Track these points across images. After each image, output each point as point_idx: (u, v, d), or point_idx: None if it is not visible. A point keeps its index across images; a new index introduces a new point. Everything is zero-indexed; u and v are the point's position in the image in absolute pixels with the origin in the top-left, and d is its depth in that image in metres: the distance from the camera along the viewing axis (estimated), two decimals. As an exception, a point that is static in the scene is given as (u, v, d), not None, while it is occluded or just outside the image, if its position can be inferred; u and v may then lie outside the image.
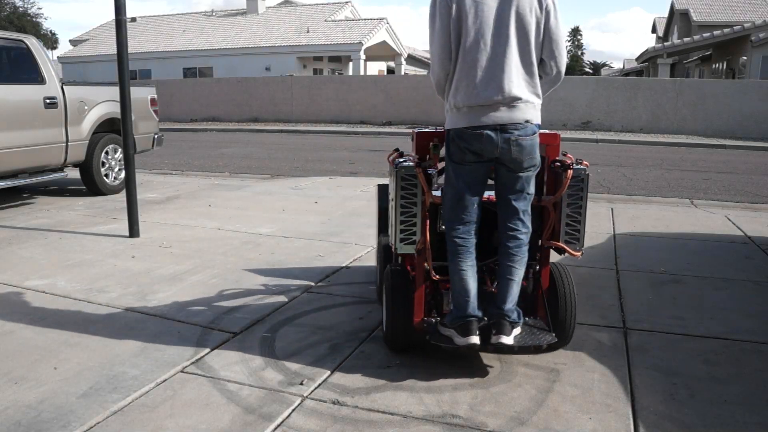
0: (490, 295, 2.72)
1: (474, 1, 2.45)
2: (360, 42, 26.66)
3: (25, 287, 3.69)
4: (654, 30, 39.48)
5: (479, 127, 2.47)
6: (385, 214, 3.21)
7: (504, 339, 2.50)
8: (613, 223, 5.69)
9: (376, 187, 3.58)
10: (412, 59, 34.57)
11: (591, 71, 60.19)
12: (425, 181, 2.65)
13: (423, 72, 32.89)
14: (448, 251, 2.63)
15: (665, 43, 27.06)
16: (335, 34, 27.85)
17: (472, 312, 2.56)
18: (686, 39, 24.97)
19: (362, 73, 27.06)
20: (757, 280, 4.07)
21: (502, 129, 2.46)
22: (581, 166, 2.71)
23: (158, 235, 4.99)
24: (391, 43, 29.58)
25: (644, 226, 5.61)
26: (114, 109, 6.70)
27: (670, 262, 4.43)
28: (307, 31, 28.39)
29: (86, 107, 6.51)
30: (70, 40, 34.92)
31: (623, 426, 2.25)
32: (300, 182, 8.18)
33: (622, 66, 48.43)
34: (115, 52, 4.89)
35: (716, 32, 22.51)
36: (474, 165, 2.54)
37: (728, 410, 2.37)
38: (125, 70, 4.78)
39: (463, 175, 2.56)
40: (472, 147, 2.49)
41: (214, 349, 2.84)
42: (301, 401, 2.39)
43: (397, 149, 2.88)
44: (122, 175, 6.70)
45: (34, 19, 48.12)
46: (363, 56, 27.20)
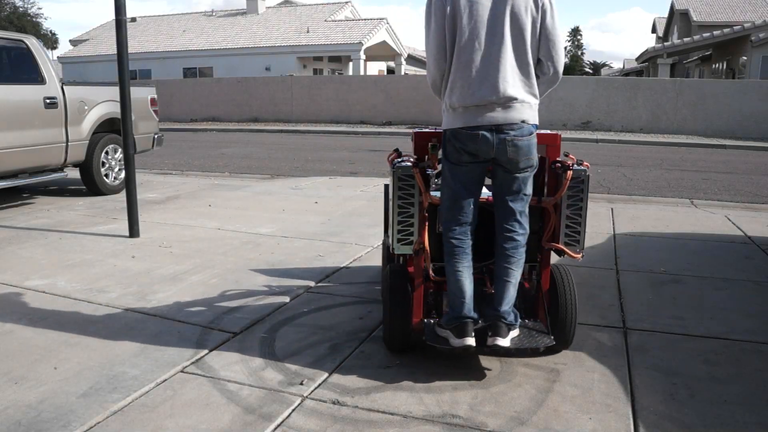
0: (489, 296, 2.71)
1: (468, 1, 2.44)
2: (360, 42, 26.66)
3: (25, 287, 3.69)
4: (654, 30, 39.50)
5: (475, 127, 2.46)
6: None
7: (500, 341, 2.49)
8: (613, 223, 5.69)
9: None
10: (412, 59, 34.56)
11: (591, 71, 60.18)
12: (422, 182, 2.64)
13: (423, 72, 32.71)
14: (445, 252, 2.63)
15: (665, 43, 27.06)
16: (335, 34, 27.85)
17: (468, 313, 2.55)
18: (686, 39, 24.98)
19: (362, 73, 27.06)
20: (757, 280, 4.07)
21: (498, 129, 2.45)
22: (582, 167, 2.68)
23: (158, 235, 4.99)
24: (391, 43, 29.59)
25: (644, 226, 5.61)
26: (114, 109, 6.70)
27: (670, 262, 4.43)
28: (307, 31, 28.39)
29: (86, 107, 6.51)
30: (70, 40, 34.94)
31: (623, 426, 2.25)
32: (300, 182, 8.18)
33: (622, 66, 48.45)
34: (115, 52, 4.89)
35: (716, 32, 22.52)
36: (470, 165, 2.53)
37: (728, 410, 2.37)
38: (125, 70, 4.78)
39: (459, 175, 2.55)
40: (467, 147, 2.48)
41: (214, 349, 2.85)
42: (301, 401, 2.39)
43: (397, 149, 2.86)
44: (122, 175, 6.71)
45: (34, 19, 48.13)
46: (363, 56, 27.21)
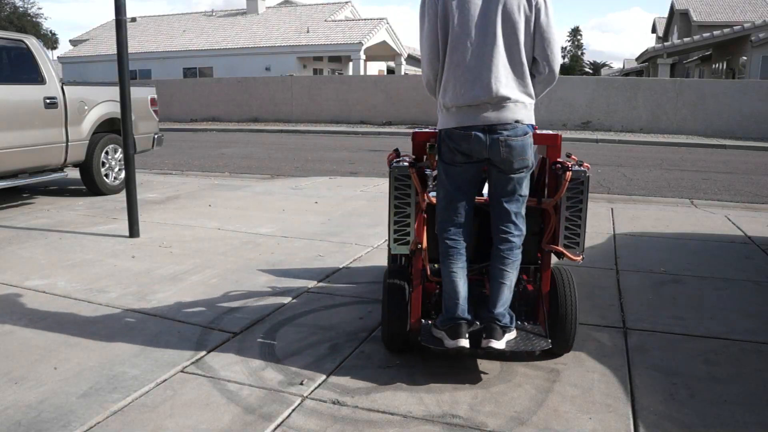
0: (488, 298, 2.70)
1: (460, 0, 2.42)
2: (360, 42, 26.66)
3: (25, 287, 3.69)
4: (654, 30, 39.50)
5: (468, 127, 2.45)
6: None
7: (494, 343, 2.46)
8: (613, 223, 5.69)
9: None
10: (412, 59, 34.53)
11: (591, 71, 60.22)
12: (419, 182, 2.62)
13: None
14: (440, 252, 2.61)
15: (665, 43, 27.06)
16: (335, 34, 27.85)
17: (461, 314, 2.53)
18: (686, 39, 24.98)
19: (362, 73, 27.06)
20: (757, 280, 4.07)
21: (491, 129, 2.43)
22: (582, 168, 2.63)
23: (158, 235, 4.99)
24: (391, 43, 29.59)
25: (644, 226, 5.61)
26: (114, 109, 6.70)
27: (670, 262, 4.43)
28: (307, 31, 28.39)
29: (86, 107, 6.51)
30: (70, 40, 34.94)
31: (623, 426, 2.25)
32: (300, 182, 8.18)
33: (622, 66, 48.45)
34: (115, 52, 4.89)
35: (716, 32, 22.52)
36: (464, 166, 2.51)
37: (728, 410, 2.37)
38: (125, 70, 4.78)
39: (453, 176, 2.54)
40: (461, 147, 2.47)
41: (214, 349, 2.85)
42: (301, 401, 2.39)
43: (397, 150, 2.85)
44: (122, 175, 6.71)
45: (34, 19, 48.14)
46: (363, 56, 27.20)
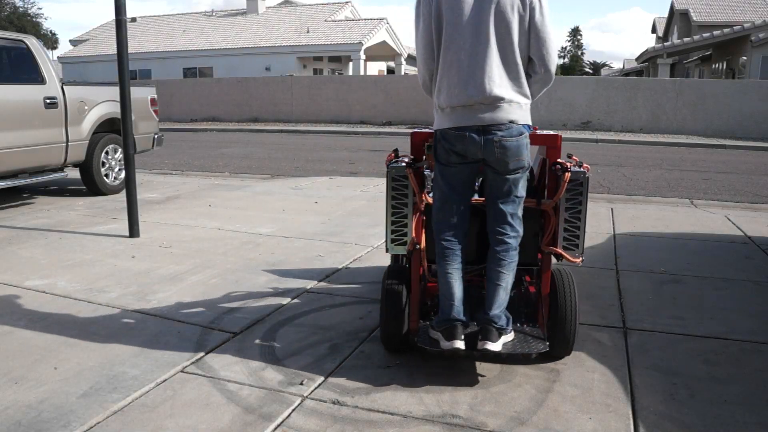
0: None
1: (453, 0, 2.41)
2: (360, 42, 26.66)
3: (25, 287, 3.69)
4: (654, 30, 39.50)
5: (462, 128, 2.44)
6: None
7: (489, 345, 2.43)
8: (613, 223, 5.69)
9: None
10: (412, 59, 34.49)
11: (591, 71, 60.25)
12: (416, 182, 2.61)
13: (422, 72, 32.83)
14: (436, 253, 2.61)
15: (665, 43, 27.06)
16: (335, 34, 27.86)
17: (457, 315, 2.52)
18: (686, 39, 24.97)
19: (362, 73, 27.06)
20: (757, 280, 4.07)
21: (485, 130, 2.42)
22: (581, 168, 2.61)
23: (158, 235, 4.99)
24: (391, 43, 29.60)
25: (644, 226, 5.61)
26: (114, 109, 6.70)
27: (670, 262, 4.43)
28: (307, 31, 28.40)
29: (86, 107, 6.51)
30: (70, 40, 34.92)
31: (623, 426, 2.25)
32: (300, 182, 8.18)
33: (622, 66, 48.45)
34: (115, 52, 4.89)
35: (716, 32, 22.51)
36: (459, 166, 2.51)
37: (728, 410, 2.37)
38: (125, 70, 4.78)
39: (448, 176, 2.53)
40: (455, 148, 2.46)
41: (214, 349, 2.85)
42: (301, 401, 2.39)
43: (396, 150, 2.85)
44: (122, 175, 6.71)
45: (34, 19, 48.16)
46: (363, 56, 27.21)
